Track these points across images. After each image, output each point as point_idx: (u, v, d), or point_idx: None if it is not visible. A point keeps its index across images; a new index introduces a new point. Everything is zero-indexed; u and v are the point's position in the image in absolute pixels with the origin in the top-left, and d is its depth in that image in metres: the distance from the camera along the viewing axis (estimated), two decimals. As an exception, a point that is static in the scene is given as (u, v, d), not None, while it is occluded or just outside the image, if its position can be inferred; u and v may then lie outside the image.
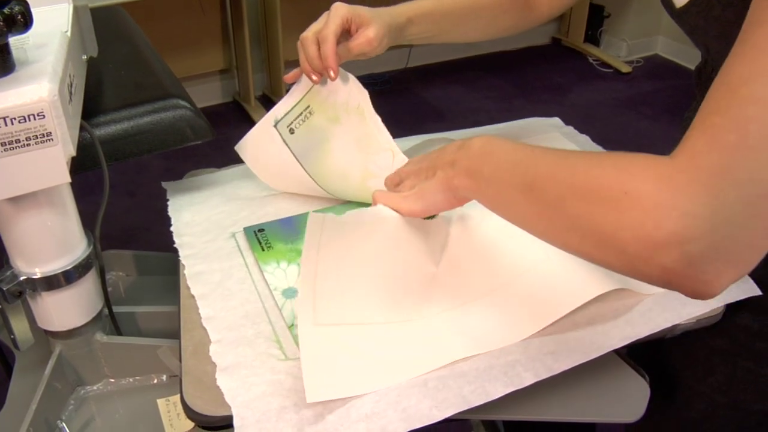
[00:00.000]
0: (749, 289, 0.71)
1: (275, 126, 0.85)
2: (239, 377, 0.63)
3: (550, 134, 1.06)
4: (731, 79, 0.44)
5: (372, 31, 0.79)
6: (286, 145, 0.85)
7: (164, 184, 0.95)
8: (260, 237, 0.82)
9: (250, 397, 0.61)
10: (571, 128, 1.08)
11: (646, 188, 0.45)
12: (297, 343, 0.67)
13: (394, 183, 0.71)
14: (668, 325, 0.68)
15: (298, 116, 0.86)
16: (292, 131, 0.86)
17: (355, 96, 0.84)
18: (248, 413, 0.59)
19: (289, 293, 0.74)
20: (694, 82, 0.80)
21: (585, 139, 1.05)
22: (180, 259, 0.80)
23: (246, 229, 0.84)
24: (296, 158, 0.85)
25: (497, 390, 0.61)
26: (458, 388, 0.62)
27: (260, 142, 0.88)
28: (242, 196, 0.92)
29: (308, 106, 0.86)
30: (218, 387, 0.62)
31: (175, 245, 0.82)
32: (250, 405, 0.60)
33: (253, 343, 0.67)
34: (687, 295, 0.46)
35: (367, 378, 0.62)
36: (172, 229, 0.85)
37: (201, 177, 0.97)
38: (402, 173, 0.71)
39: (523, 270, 0.71)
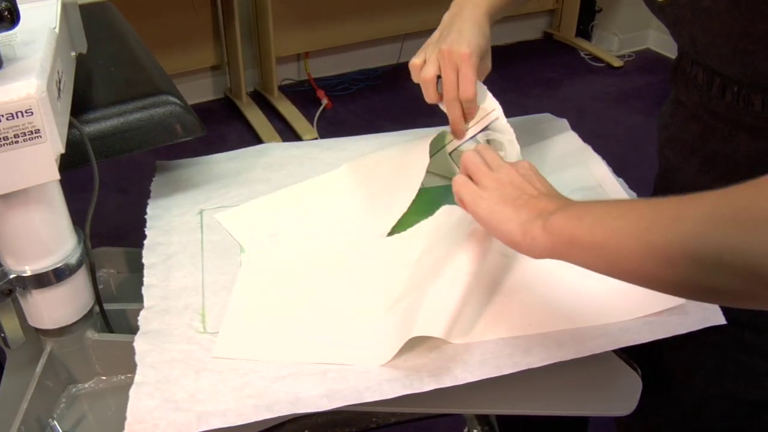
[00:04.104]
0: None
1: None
2: (156, 343, 0.66)
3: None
4: None
5: (489, 61, 0.81)
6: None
7: (159, 164, 0.97)
8: None
9: (158, 360, 0.64)
10: (564, 121, 1.07)
11: None
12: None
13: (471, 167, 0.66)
14: (628, 344, 0.65)
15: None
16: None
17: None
18: (151, 373, 0.62)
19: None
20: (669, 77, 0.80)
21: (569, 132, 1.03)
22: (145, 230, 0.82)
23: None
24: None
25: (394, 390, 0.61)
26: (355, 382, 0.62)
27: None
28: (222, 176, 0.94)
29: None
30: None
31: (146, 216, 0.85)
32: (155, 366, 0.63)
33: (181, 313, 0.70)
34: None
35: (276, 348, 0.66)
36: (148, 201, 0.88)
37: (192, 159, 1.00)
38: (479, 171, 0.65)
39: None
